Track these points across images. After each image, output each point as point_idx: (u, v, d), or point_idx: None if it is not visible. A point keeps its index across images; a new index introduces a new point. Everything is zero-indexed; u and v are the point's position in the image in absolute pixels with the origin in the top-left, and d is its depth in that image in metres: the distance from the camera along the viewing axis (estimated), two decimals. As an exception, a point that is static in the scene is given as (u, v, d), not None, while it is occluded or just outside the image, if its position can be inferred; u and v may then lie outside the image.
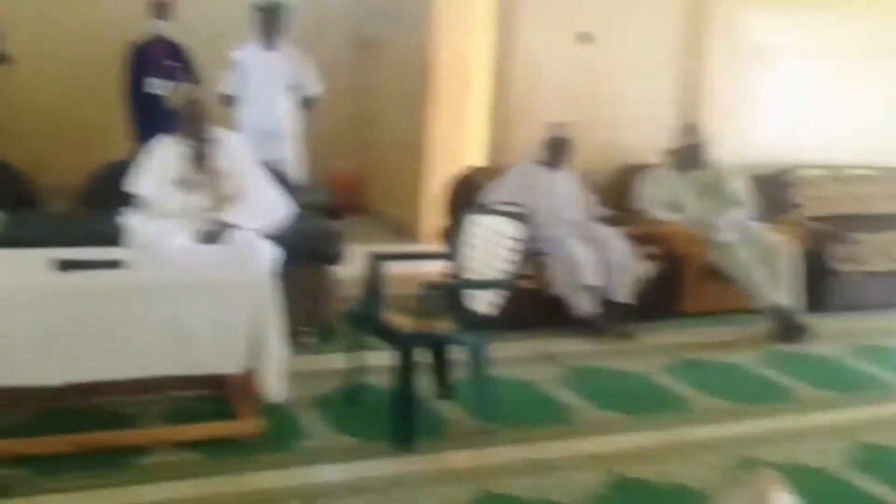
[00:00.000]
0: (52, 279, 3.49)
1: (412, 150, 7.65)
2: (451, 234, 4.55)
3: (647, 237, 5.80)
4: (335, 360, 4.51)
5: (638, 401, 4.58)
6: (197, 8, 7.19)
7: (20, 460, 3.47)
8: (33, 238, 4.42)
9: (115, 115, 6.97)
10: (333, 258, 5.04)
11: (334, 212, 7.97)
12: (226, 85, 6.44)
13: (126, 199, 4.79)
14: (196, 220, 4.63)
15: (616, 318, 5.51)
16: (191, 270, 3.82)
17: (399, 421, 3.89)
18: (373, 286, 4.25)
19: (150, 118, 6.35)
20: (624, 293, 5.53)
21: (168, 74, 6.63)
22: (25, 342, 3.33)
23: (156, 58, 6.73)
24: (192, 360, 3.58)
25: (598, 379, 4.85)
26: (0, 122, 6.78)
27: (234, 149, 4.86)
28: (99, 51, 7.51)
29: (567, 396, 4.58)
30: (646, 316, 5.65)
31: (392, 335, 3.96)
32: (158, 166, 4.75)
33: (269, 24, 6.34)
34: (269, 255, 4.59)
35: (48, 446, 3.56)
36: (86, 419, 3.85)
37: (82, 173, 5.39)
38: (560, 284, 5.45)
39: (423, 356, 4.11)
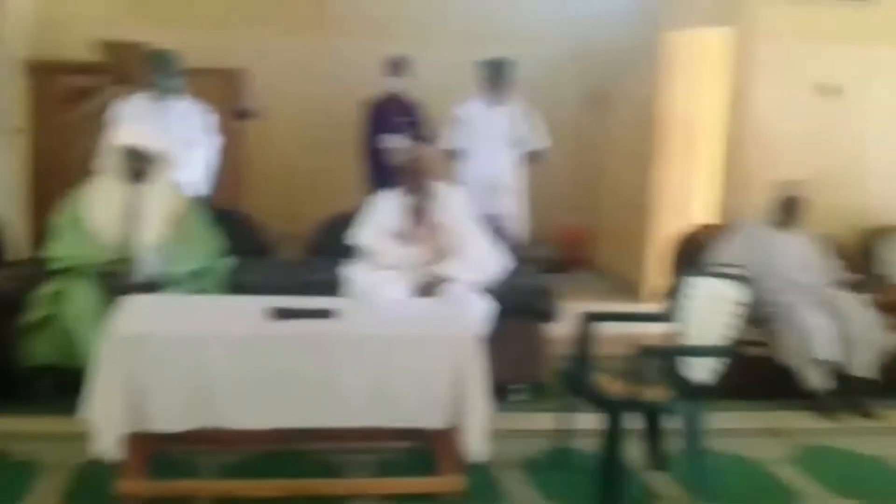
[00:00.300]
0: (265, 327, 3.60)
1: (638, 205, 7.46)
2: (672, 294, 4.34)
3: (893, 305, 5.32)
4: (544, 421, 4.39)
5: (878, 489, 4.15)
6: (431, 66, 7.38)
7: (230, 501, 3.59)
8: (259, 284, 4.68)
9: (349, 169, 7.26)
10: (547, 315, 4.94)
11: (558, 266, 7.92)
12: (448, 140, 6.53)
13: (348, 250, 4.93)
14: (413, 272, 4.70)
15: (854, 394, 5.06)
16: (398, 323, 3.84)
17: (606, 490, 3.72)
18: (583, 347, 4.12)
19: (384, 173, 6.54)
20: (865, 367, 5.07)
21: (401, 131, 6.81)
22: (237, 386, 3.44)
23: (390, 114, 6.93)
24: (395, 412, 3.57)
25: (832, 460, 4.46)
26: (242, 173, 7.17)
27: (454, 203, 4.92)
28: (337, 107, 7.86)
29: (794, 478, 4.22)
30: (890, 393, 5.15)
31: (601, 399, 3.81)
32: (379, 219, 4.87)
33: (495, 79, 6.40)
34: (481, 310, 4.59)
35: (258, 489, 3.67)
36: (293, 465, 3.93)
37: (313, 223, 5.59)
38: (790, 354, 5.07)
39: (634, 423, 3.92)
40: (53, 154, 6.92)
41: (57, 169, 6.83)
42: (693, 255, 5.56)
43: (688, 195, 7.25)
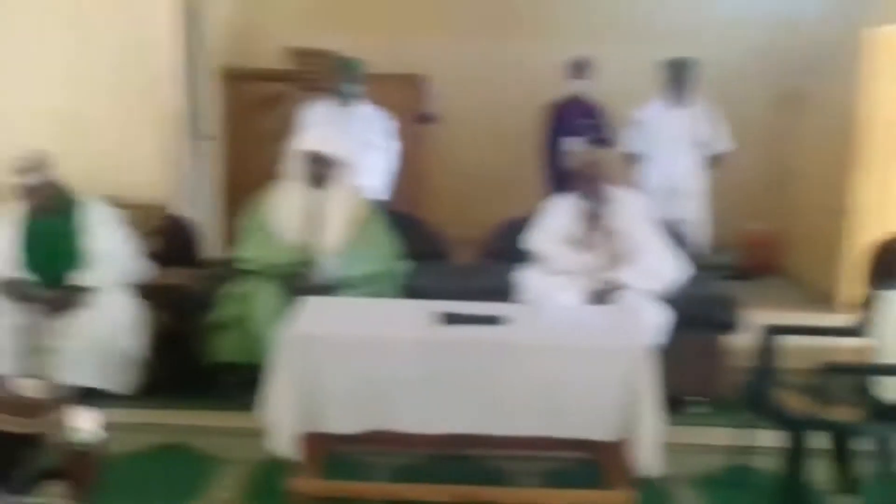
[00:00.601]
0: (435, 332, 3.62)
1: (834, 211, 7.05)
2: (866, 307, 4.08)
3: None
4: (721, 436, 4.19)
5: None
6: (612, 67, 7.26)
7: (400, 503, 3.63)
8: (434, 288, 4.69)
9: (529, 173, 7.23)
10: (728, 325, 4.74)
11: (743, 273, 7.60)
12: (628, 143, 6.39)
13: (522, 255, 4.90)
14: (586, 278, 4.62)
15: None
16: (569, 332, 3.77)
17: (786, 511, 3.53)
18: (766, 360, 3.92)
19: (564, 176, 6.47)
20: None
21: (582, 133, 6.72)
22: (407, 390, 3.47)
23: (571, 117, 6.87)
24: (564, 422, 3.52)
25: None
26: (421, 177, 7.26)
27: (630, 208, 4.80)
28: (517, 111, 7.85)
29: None
30: None
31: (783, 416, 3.62)
32: (553, 224, 4.82)
33: (677, 80, 6.21)
34: (657, 319, 4.46)
35: (427, 493, 3.68)
36: (462, 471, 3.95)
37: (489, 228, 5.59)
38: None
39: (820, 443, 3.71)
40: (244, 159, 7.22)
41: (247, 174, 7.09)
42: (891, 265, 5.20)
43: (888, 201, 6.80)
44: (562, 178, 6.49)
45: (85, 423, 2.50)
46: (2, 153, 4.63)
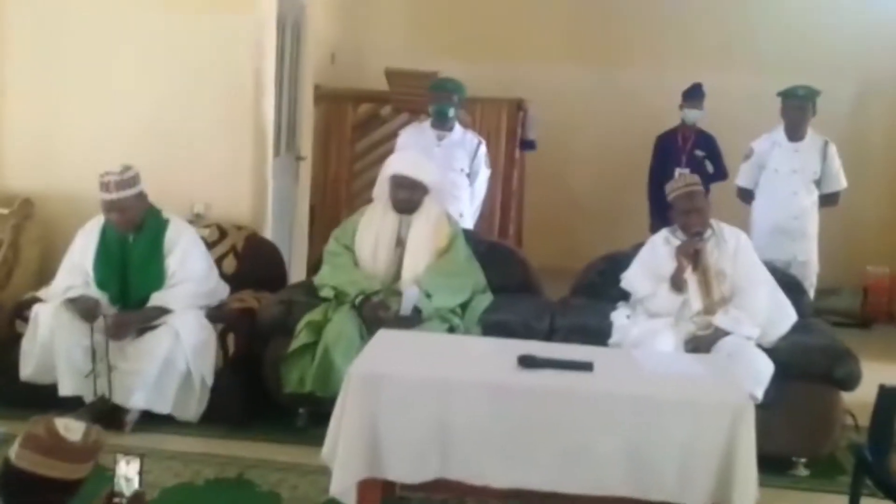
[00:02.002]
0: (514, 376, 3.38)
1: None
2: None
3: None
4: (828, 502, 3.84)
5: None
6: (726, 96, 6.99)
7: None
8: (519, 325, 4.52)
9: (634, 205, 7.03)
10: (840, 380, 4.34)
11: (860, 321, 7.16)
12: (742, 177, 6.06)
13: (618, 294, 4.70)
14: (685, 322, 4.39)
15: None
16: (663, 382, 3.48)
17: None
18: (881, 422, 3.54)
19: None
20: None
21: (694, 165, 6.53)
22: (479, 438, 3.23)
23: (682, 147, 6.71)
24: (653, 483, 3.20)
25: None
26: (514, 205, 7.10)
27: (737, 247, 4.53)
28: (623, 139, 7.70)
29: None
30: None
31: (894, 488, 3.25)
32: (652, 261, 4.60)
33: (796, 112, 5.81)
34: (761, 370, 4.15)
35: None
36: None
37: (585, 262, 5.36)
38: None
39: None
40: (334, 181, 7.17)
41: (335, 196, 7.07)
42: None
43: None
44: (667, 213, 6.25)
45: (125, 471, 2.36)
46: (90, 168, 4.58)
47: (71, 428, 2.24)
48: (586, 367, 3.43)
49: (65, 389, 4.29)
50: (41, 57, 5.35)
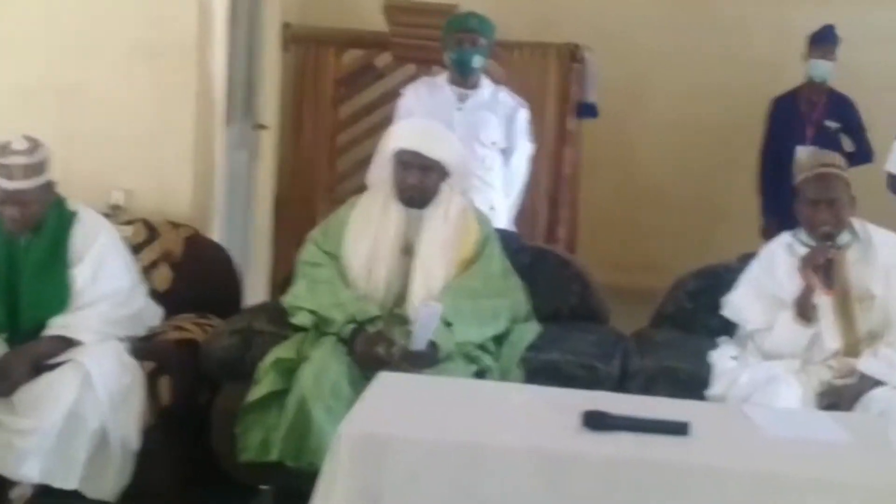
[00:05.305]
0: (572, 440, 3.42)
1: None
2: None
3: None
4: None
5: None
6: (869, 45, 7.01)
7: None
8: (575, 367, 4.58)
9: (739, 198, 7.30)
10: None
11: None
12: (894, 161, 6.10)
13: (718, 325, 4.78)
14: (817, 367, 4.44)
15: None
16: (789, 453, 3.52)
17: None
18: None
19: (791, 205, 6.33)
20: None
21: (823, 140, 6.66)
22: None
23: (806, 114, 6.87)
24: None
25: None
26: (569, 195, 7.14)
27: (892, 259, 4.58)
28: (725, 103, 7.81)
29: None
30: None
31: None
32: (766, 280, 4.67)
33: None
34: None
35: None
36: None
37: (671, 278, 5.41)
38: None
39: None
40: (309, 161, 7.21)
41: (312, 181, 7.09)
42: None
43: None
44: (786, 207, 6.30)
45: None
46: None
47: None
48: (679, 429, 3.47)
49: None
50: None
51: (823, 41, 6.76)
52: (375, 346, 4.42)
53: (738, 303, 4.69)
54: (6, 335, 4.53)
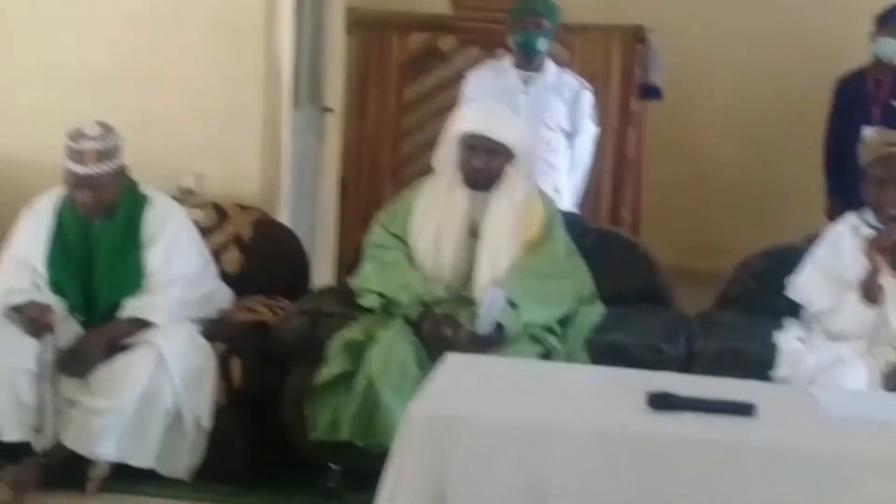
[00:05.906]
0: (636, 421, 3.42)
1: None
2: None
3: None
4: None
5: None
6: None
7: None
8: (640, 348, 4.60)
9: (805, 179, 7.20)
10: None
11: None
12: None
13: (785, 307, 4.75)
14: (884, 347, 4.42)
15: None
16: (856, 433, 3.51)
17: None
18: None
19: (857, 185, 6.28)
20: None
21: (891, 120, 6.54)
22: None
23: (873, 94, 6.78)
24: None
25: None
26: (633, 178, 7.16)
27: None
28: (791, 84, 7.73)
29: None
30: None
31: None
32: (832, 261, 4.65)
33: None
34: None
35: None
36: None
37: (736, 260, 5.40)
38: None
39: None
40: (375, 144, 7.23)
41: (378, 164, 7.12)
42: None
43: None
44: (853, 187, 6.25)
45: None
46: (40, 123, 4.68)
47: None
48: (745, 409, 3.46)
49: (8, 433, 4.38)
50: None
51: (891, 20, 6.65)
52: (442, 328, 4.46)
53: (804, 284, 4.68)
54: (82, 317, 4.60)
